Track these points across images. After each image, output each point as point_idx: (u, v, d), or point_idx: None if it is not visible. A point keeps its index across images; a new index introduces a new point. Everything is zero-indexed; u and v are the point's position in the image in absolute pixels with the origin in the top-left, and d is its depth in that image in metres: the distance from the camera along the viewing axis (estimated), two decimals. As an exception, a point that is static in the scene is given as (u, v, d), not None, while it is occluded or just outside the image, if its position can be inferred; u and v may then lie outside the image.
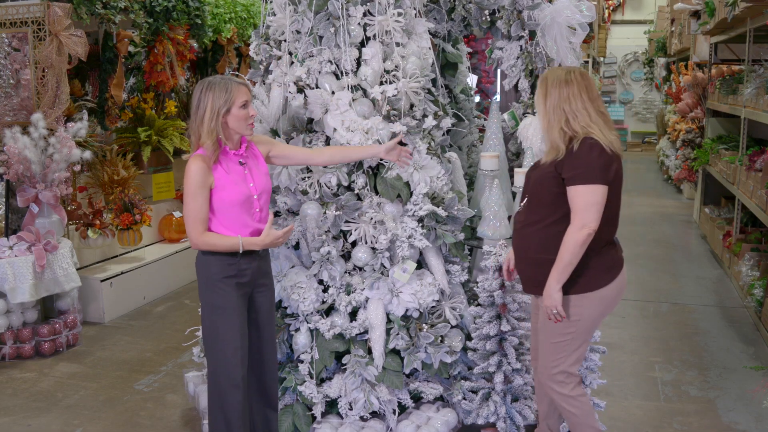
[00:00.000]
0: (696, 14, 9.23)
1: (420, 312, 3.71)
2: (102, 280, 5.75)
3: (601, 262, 3.04)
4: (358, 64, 3.85)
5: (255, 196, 3.15)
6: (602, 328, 3.68)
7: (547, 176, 3.01)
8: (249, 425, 3.26)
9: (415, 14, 4.02)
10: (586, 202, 2.91)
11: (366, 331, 3.66)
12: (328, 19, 3.78)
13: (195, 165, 3.03)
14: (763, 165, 5.91)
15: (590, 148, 2.91)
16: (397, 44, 3.83)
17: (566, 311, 3.06)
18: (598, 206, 2.91)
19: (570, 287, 3.03)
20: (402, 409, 3.77)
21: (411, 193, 3.72)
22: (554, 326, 3.10)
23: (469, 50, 6.06)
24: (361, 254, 3.71)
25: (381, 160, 3.69)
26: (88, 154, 5.15)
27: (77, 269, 5.29)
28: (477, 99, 6.96)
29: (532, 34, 4.42)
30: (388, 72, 3.81)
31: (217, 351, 3.15)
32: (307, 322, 3.70)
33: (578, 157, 2.92)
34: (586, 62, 11.10)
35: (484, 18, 4.55)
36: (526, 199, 3.17)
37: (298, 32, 3.90)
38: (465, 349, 3.81)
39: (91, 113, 6.49)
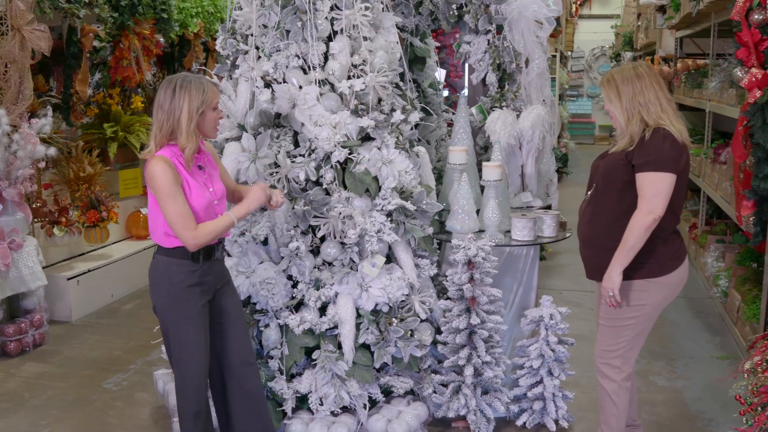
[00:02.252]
0: (662, 9, 9.32)
1: (389, 306, 3.71)
2: (69, 278, 5.68)
3: (667, 249, 3.11)
4: (326, 59, 3.83)
5: (216, 201, 3.05)
6: (570, 319, 3.71)
7: (618, 164, 3.07)
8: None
9: (383, 8, 4.01)
10: (655, 189, 2.97)
11: (336, 326, 3.66)
12: (295, 13, 3.76)
13: (160, 166, 2.83)
14: (727, 158, 5.99)
15: (663, 138, 2.98)
16: (365, 38, 3.83)
17: (632, 296, 3.12)
18: (665, 194, 2.98)
19: (639, 273, 3.09)
20: (373, 403, 3.77)
21: (379, 188, 3.72)
22: (618, 311, 3.15)
23: (437, 44, 6.08)
24: (330, 249, 3.71)
25: (349, 154, 3.68)
26: (52, 151, 5.07)
27: (43, 267, 5.22)
28: (445, 93, 6.98)
29: (500, 29, 4.45)
30: (355, 66, 3.80)
31: (182, 362, 3.06)
32: (277, 318, 3.69)
33: (650, 146, 2.98)
34: (554, 56, 11.16)
35: (451, 12, 4.57)
36: (593, 187, 3.21)
37: (265, 26, 3.88)
38: (435, 342, 3.83)
39: (56, 109, 6.37)
